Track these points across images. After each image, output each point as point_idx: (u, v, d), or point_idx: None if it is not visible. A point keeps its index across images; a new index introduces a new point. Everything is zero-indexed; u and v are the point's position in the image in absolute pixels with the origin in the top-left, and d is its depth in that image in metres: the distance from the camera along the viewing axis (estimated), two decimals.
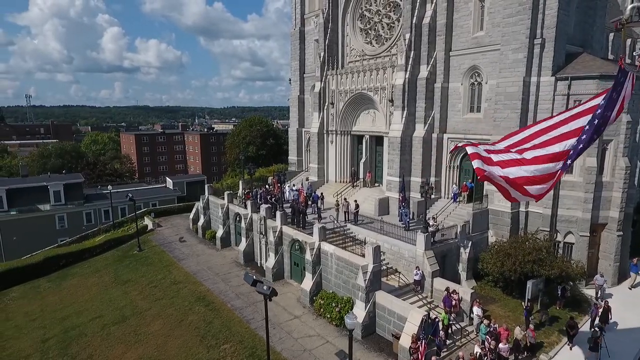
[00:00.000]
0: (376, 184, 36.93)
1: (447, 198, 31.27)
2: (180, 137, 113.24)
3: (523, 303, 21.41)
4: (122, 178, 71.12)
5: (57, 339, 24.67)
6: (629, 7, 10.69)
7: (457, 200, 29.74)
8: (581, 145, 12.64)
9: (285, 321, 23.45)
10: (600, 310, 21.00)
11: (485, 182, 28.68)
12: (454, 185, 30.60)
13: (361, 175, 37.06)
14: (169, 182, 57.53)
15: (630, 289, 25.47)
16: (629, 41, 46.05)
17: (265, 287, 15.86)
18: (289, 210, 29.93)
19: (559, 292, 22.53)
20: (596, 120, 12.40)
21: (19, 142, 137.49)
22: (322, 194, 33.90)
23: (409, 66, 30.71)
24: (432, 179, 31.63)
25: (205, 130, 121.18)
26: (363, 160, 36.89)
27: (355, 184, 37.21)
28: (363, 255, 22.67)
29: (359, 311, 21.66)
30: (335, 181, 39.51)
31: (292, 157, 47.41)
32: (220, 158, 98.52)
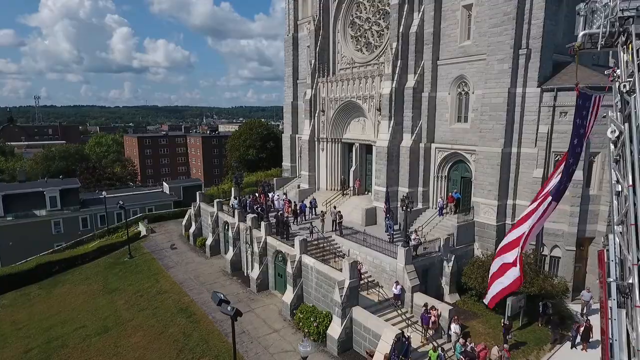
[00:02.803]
0: (367, 193, 36.67)
1: (435, 208, 30.86)
2: (183, 140, 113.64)
3: (502, 320, 21.02)
4: (122, 181, 71.58)
5: (39, 350, 24.84)
6: (580, 34, 10.31)
7: (443, 212, 29.34)
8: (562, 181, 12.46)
9: (263, 335, 23.31)
10: (582, 328, 20.55)
11: (473, 194, 28.45)
12: (439, 199, 30.19)
13: (351, 184, 36.82)
14: (166, 187, 57.74)
15: None
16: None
17: (229, 308, 15.67)
18: (274, 221, 29.78)
19: (540, 309, 22.09)
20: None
21: (26, 143, 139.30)
22: (310, 202, 33.64)
23: (396, 75, 30.38)
24: (420, 189, 31.32)
25: (208, 132, 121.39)
26: (353, 168, 36.64)
27: (345, 192, 36.99)
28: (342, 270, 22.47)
29: (336, 327, 21.52)
30: (327, 189, 39.31)
31: (286, 163, 47.31)
32: (222, 161, 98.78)
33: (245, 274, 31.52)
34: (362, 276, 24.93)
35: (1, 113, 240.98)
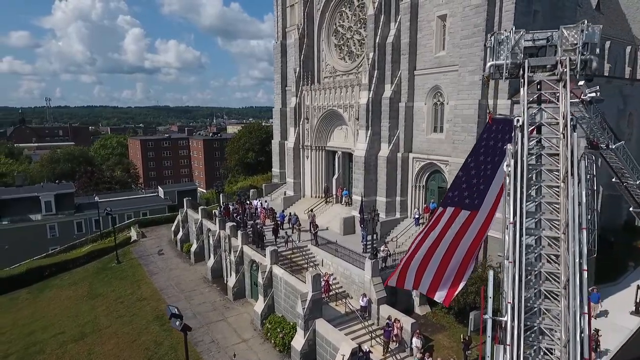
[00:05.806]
0: (350, 201, 36.72)
1: (413, 218, 30.85)
2: (186, 142, 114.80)
3: (462, 335, 20.99)
4: (121, 184, 72.68)
5: (17, 356, 25.57)
6: (488, 64, 10.44)
7: (420, 222, 29.32)
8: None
9: (232, 344, 23.64)
10: None
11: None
12: (415, 209, 30.19)
13: (334, 192, 36.97)
14: (160, 191, 58.55)
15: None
16: (628, 48, 44.50)
17: (177, 323, 16.12)
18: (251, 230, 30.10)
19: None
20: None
21: (36, 144, 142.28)
22: (290, 213, 33.77)
23: (373, 85, 30.47)
24: (398, 199, 31.33)
25: (211, 134, 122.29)
26: (335, 176, 36.79)
27: (328, 200, 37.16)
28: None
29: (299, 338, 21.75)
30: (311, 196, 39.53)
31: (275, 169, 47.65)
32: (223, 164, 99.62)
33: (225, 282, 31.92)
34: (332, 287, 25.09)
35: (14, 114, 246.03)
